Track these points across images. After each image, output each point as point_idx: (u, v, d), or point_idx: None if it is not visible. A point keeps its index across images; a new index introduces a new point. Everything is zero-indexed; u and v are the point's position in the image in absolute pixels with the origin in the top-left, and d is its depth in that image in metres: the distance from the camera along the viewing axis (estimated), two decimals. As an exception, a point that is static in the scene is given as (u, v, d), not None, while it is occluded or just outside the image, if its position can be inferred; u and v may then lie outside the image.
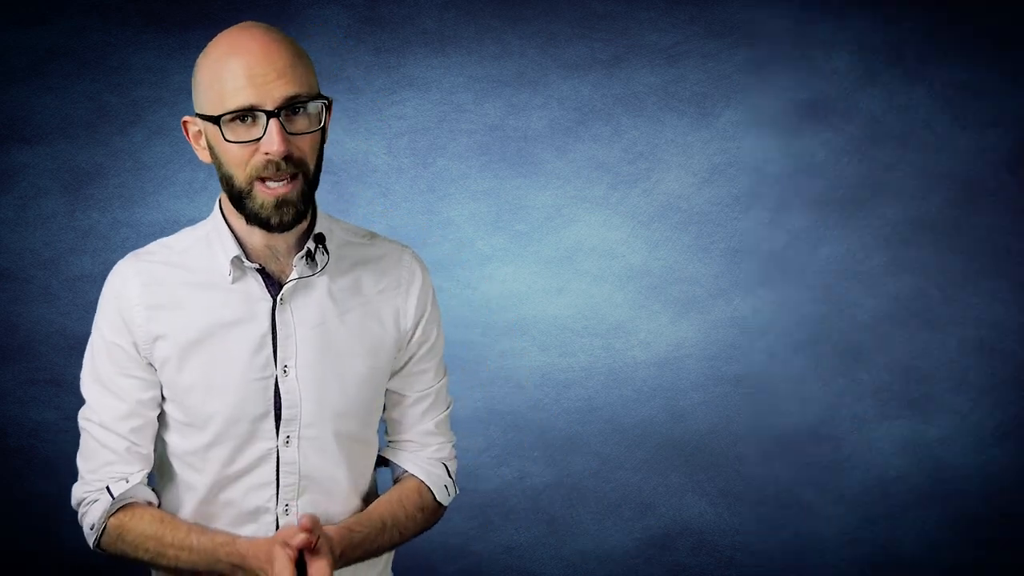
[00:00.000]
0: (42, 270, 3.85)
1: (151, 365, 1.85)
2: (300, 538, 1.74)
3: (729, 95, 3.95)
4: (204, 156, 1.80)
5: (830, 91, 3.94)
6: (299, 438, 1.85)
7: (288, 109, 1.74)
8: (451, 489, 2.11)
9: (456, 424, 4.10)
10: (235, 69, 1.72)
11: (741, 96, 3.95)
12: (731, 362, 3.94)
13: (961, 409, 3.89)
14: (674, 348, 3.96)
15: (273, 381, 1.82)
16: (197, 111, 1.77)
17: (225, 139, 1.72)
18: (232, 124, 1.72)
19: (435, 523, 2.09)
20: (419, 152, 3.97)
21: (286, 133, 1.72)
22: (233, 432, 1.82)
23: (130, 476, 1.89)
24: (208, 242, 1.84)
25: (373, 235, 1.97)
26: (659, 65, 3.97)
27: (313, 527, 1.75)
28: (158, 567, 1.90)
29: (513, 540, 3.87)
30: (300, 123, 1.76)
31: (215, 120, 1.72)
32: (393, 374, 1.99)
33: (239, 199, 1.76)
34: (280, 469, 1.86)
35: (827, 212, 3.95)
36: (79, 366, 2.02)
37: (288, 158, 1.73)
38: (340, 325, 1.87)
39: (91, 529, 1.91)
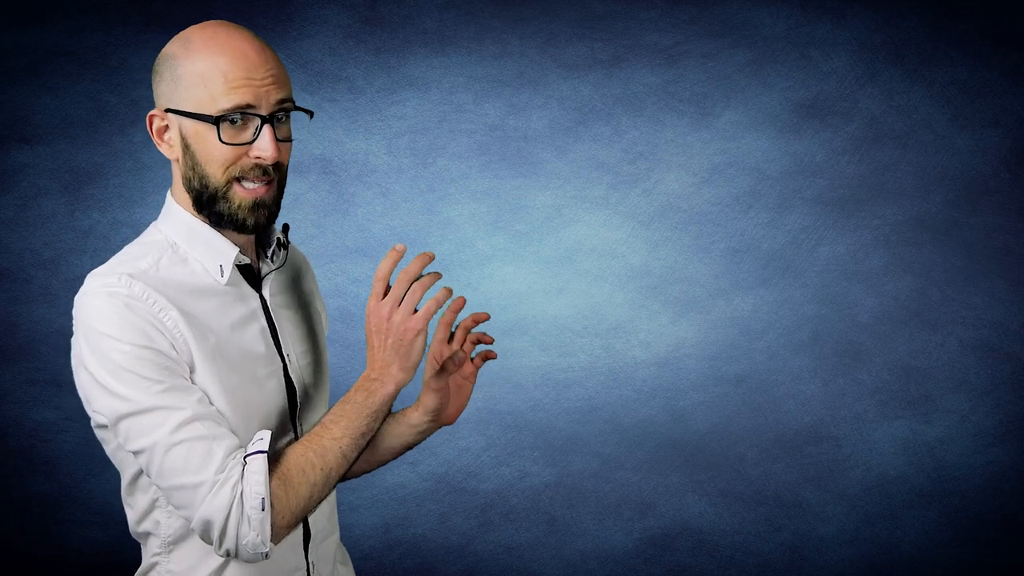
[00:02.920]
0: (42, 270, 3.85)
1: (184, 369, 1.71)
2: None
3: (729, 95, 3.95)
4: (169, 153, 1.74)
5: (830, 91, 3.94)
6: (308, 423, 1.87)
7: (277, 115, 1.74)
8: None
9: (456, 424, 4.09)
10: (233, 68, 1.70)
11: (741, 96, 3.95)
12: (731, 362, 3.94)
13: (961, 409, 3.89)
14: (674, 348, 3.96)
15: (283, 373, 1.83)
16: (173, 107, 1.72)
17: (221, 140, 1.69)
18: (224, 124, 1.70)
19: None
20: (419, 152, 3.97)
21: (276, 139, 1.72)
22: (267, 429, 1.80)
23: (249, 444, 1.69)
24: (177, 250, 1.77)
25: None
26: (659, 65, 3.97)
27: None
28: (333, 478, 1.73)
29: (513, 540, 3.87)
30: (284, 130, 1.76)
31: (212, 119, 1.69)
32: None
33: (211, 199, 1.73)
34: None
35: (827, 212, 3.95)
36: (79, 366, 1.99)
37: (275, 164, 1.74)
38: (301, 308, 1.91)
39: (259, 505, 1.64)
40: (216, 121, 1.69)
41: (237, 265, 1.79)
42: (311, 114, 1.79)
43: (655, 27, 3.96)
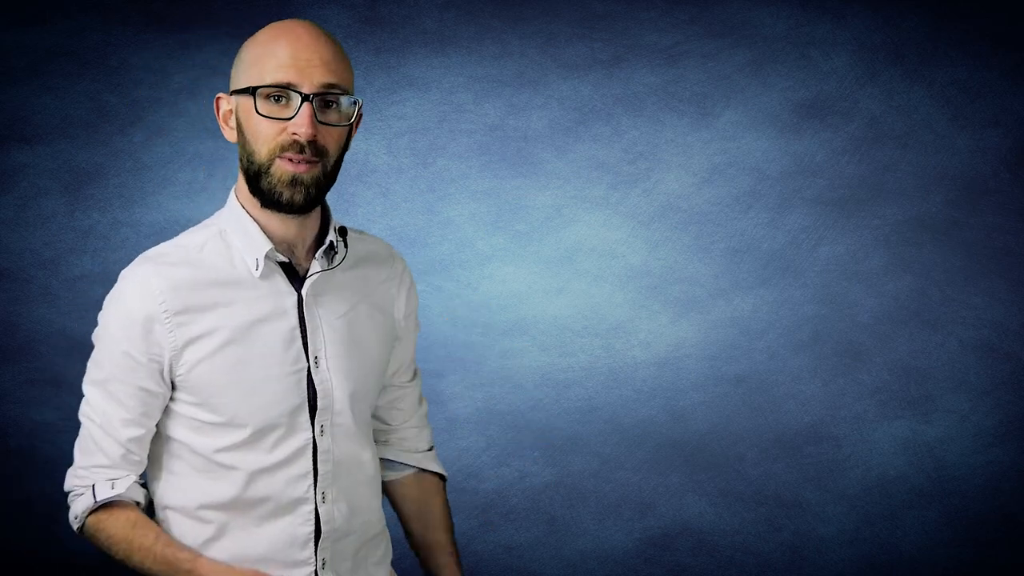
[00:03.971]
0: (42, 270, 3.86)
1: (164, 376, 1.86)
2: None
3: (729, 95, 3.95)
4: (230, 135, 1.85)
5: (830, 91, 3.94)
6: (332, 426, 1.90)
7: (322, 98, 1.79)
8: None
9: (456, 424, 4.10)
10: (282, 49, 1.79)
11: (741, 96, 3.95)
12: (731, 362, 3.94)
13: (961, 409, 3.89)
14: (674, 348, 3.96)
15: (305, 373, 1.87)
16: (233, 88, 1.83)
17: (257, 111, 1.77)
18: (267, 100, 1.78)
19: None
20: (419, 152, 3.97)
21: (316, 119, 1.78)
22: (273, 426, 1.85)
23: (117, 481, 1.91)
24: (224, 238, 1.86)
25: (361, 231, 2.05)
26: (659, 65, 3.97)
27: None
28: (130, 568, 1.93)
29: (513, 540, 3.88)
30: (331, 115, 1.82)
31: (251, 91, 1.77)
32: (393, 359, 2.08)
33: (257, 176, 1.81)
34: (318, 458, 1.89)
35: (827, 212, 3.95)
36: (80, 366, 2.03)
37: (312, 143, 1.79)
38: (356, 315, 1.94)
39: (74, 519, 1.94)
40: (253, 92, 1.77)
41: (279, 262, 1.85)
42: (360, 102, 1.85)
43: (655, 27, 3.96)
